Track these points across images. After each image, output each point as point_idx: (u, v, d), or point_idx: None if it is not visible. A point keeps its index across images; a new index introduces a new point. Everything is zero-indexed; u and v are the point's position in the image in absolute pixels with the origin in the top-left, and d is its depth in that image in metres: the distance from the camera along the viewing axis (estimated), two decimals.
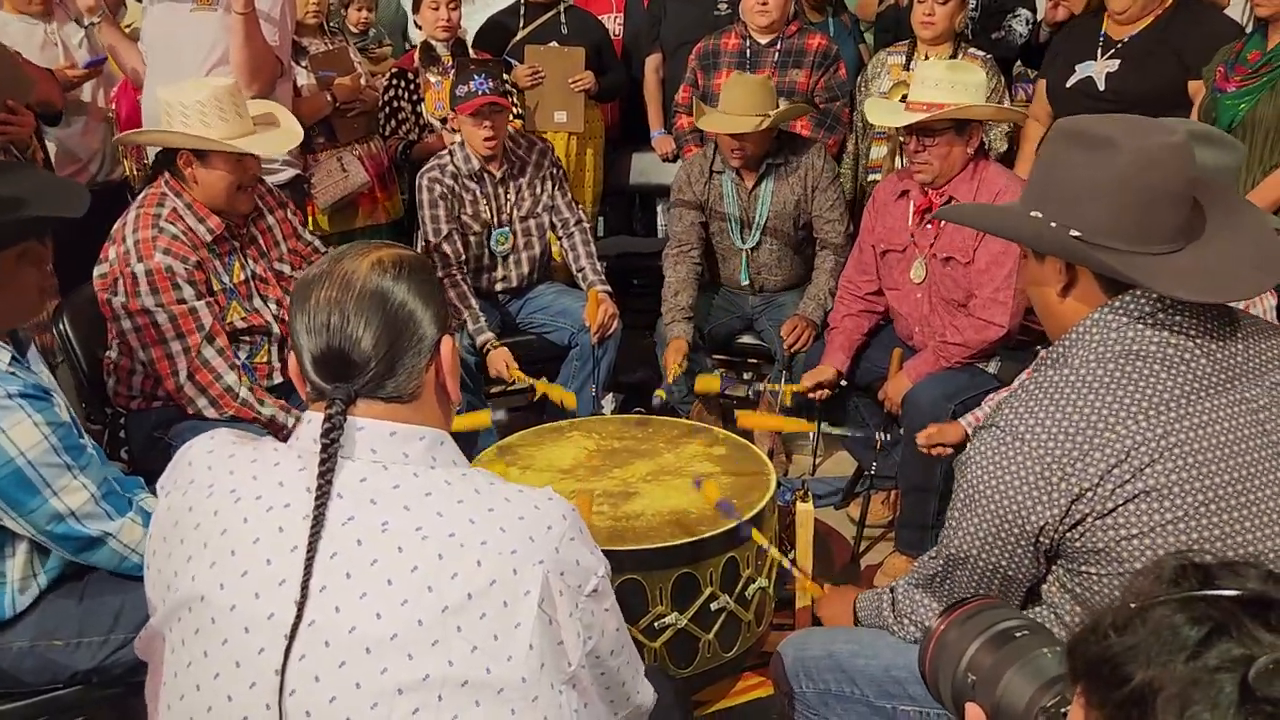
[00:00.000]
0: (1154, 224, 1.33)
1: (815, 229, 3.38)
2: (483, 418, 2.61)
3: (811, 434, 3.59)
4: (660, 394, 3.08)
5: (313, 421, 1.17)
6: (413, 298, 1.18)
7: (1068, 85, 3.38)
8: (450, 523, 1.10)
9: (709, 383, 2.99)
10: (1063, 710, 0.85)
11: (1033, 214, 1.40)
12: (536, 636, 1.09)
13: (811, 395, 2.98)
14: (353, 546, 1.09)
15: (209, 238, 2.56)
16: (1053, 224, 1.36)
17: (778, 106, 3.24)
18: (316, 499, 1.10)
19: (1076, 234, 1.34)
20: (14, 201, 1.71)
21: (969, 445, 1.41)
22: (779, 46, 3.73)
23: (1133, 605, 0.76)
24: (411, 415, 1.19)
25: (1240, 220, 1.41)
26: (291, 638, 1.07)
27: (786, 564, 2.18)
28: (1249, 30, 3.09)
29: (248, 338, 2.66)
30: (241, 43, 2.98)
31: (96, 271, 2.51)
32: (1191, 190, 1.37)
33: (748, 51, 3.76)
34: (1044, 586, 1.41)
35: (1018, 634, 0.97)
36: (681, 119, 3.99)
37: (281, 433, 2.53)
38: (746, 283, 3.49)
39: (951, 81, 2.69)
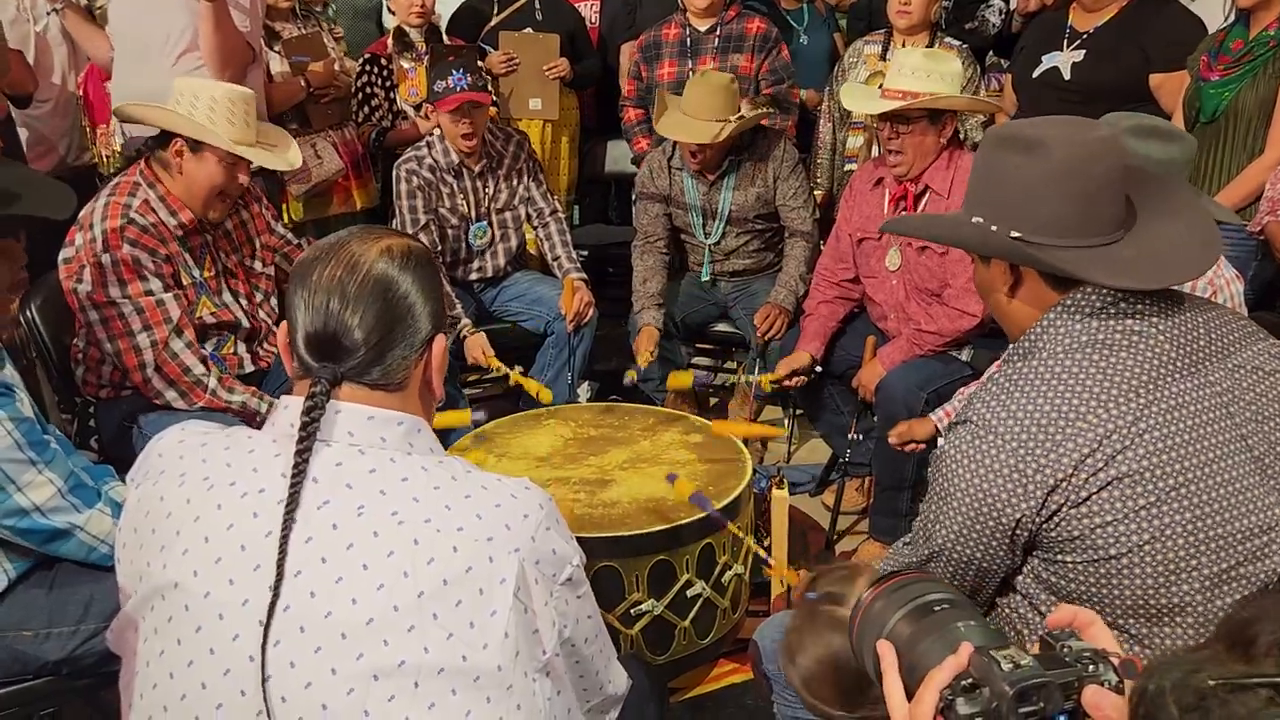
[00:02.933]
0: (1092, 216, 1.35)
1: (782, 217, 3.39)
2: (462, 417, 2.60)
3: (786, 421, 3.61)
4: (631, 375, 3.08)
5: (290, 407, 1.16)
6: (415, 290, 1.18)
7: (1034, 76, 3.41)
8: (426, 508, 1.10)
9: (681, 379, 2.98)
10: (967, 682, 0.86)
11: (974, 219, 1.42)
12: (512, 625, 1.09)
13: (787, 383, 2.99)
14: (328, 531, 1.09)
15: (180, 231, 2.52)
16: (993, 228, 1.39)
17: (739, 110, 3.21)
18: (292, 480, 1.09)
19: (1017, 235, 1.36)
20: (6, 197, 1.68)
21: (943, 441, 1.41)
22: (719, 33, 3.72)
23: (1212, 681, 0.63)
24: (393, 403, 1.18)
25: (1174, 203, 1.44)
26: (267, 623, 1.06)
27: (763, 555, 2.19)
28: (1230, 20, 3.13)
29: (215, 332, 2.63)
30: (211, 30, 2.94)
31: (61, 256, 2.45)
32: (1123, 180, 1.39)
33: (688, 40, 3.75)
34: (1019, 578, 1.42)
35: (937, 607, 0.98)
36: (629, 111, 3.98)
37: (254, 420, 2.50)
38: (708, 277, 3.50)
39: (928, 70, 2.70)
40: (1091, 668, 0.85)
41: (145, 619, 1.14)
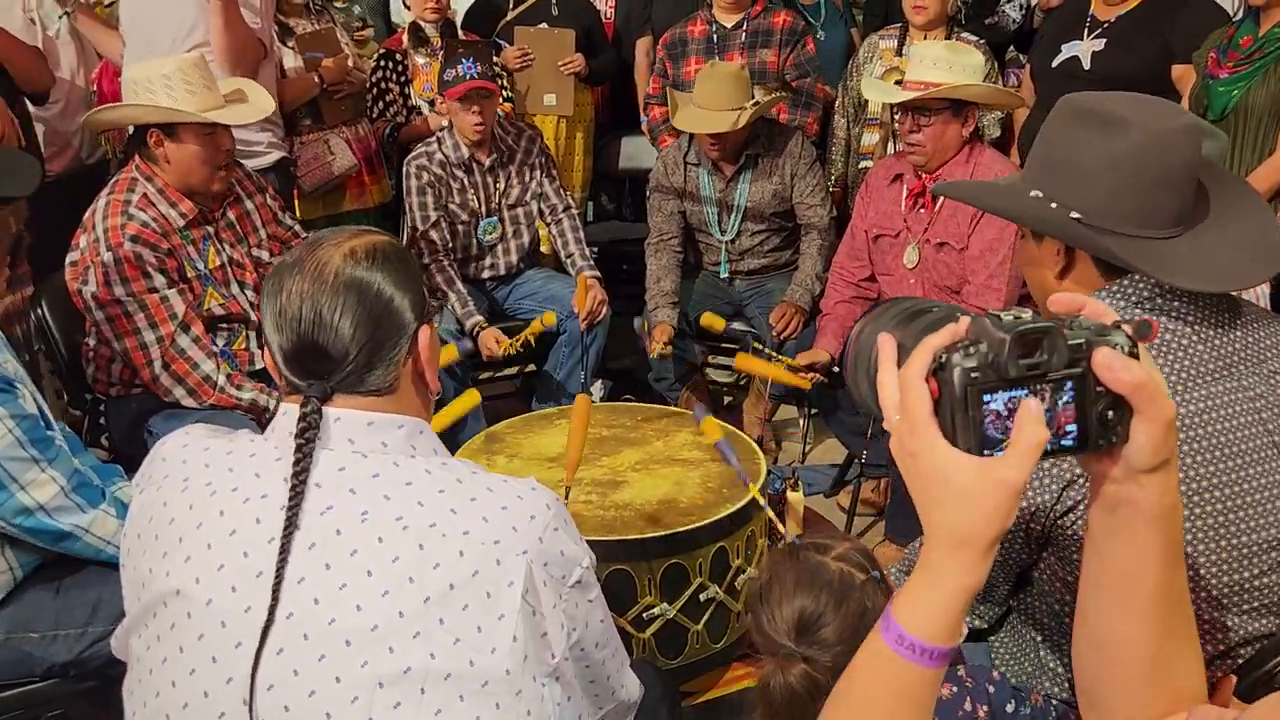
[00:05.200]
0: (1156, 208, 1.29)
1: (799, 215, 3.35)
2: (470, 398, 2.57)
3: (801, 421, 3.58)
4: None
5: (288, 413, 1.14)
6: (390, 286, 1.15)
7: (1053, 65, 3.36)
8: (431, 512, 1.08)
9: (713, 320, 3.01)
10: (964, 341, 0.78)
11: (1033, 193, 1.36)
12: (520, 628, 1.07)
13: (803, 376, 2.96)
14: (332, 537, 1.07)
15: (182, 223, 2.50)
16: (1053, 204, 1.33)
17: (753, 96, 3.19)
18: (291, 495, 1.07)
19: (1077, 216, 1.30)
20: None
21: None
22: (745, 28, 3.67)
23: None
24: (389, 407, 1.16)
25: (1242, 208, 1.38)
26: (266, 630, 1.04)
27: (780, 529, 2.17)
28: (1240, 16, 3.08)
29: (225, 325, 2.62)
30: (221, 28, 2.92)
31: (68, 259, 2.45)
32: (1196, 174, 1.33)
33: (714, 37, 3.70)
34: (1035, 574, 1.40)
35: (934, 308, 0.90)
36: (654, 110, 3.94)
37: (264, 416, 2.49)
38: (726, 275, 3.47)
39: (950, 61, 2.66)
40: (1102, 335, 0.78)
41: (148, 626, 1.13)
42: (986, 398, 0.76)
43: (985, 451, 0.76)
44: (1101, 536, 0.86)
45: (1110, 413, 0.78)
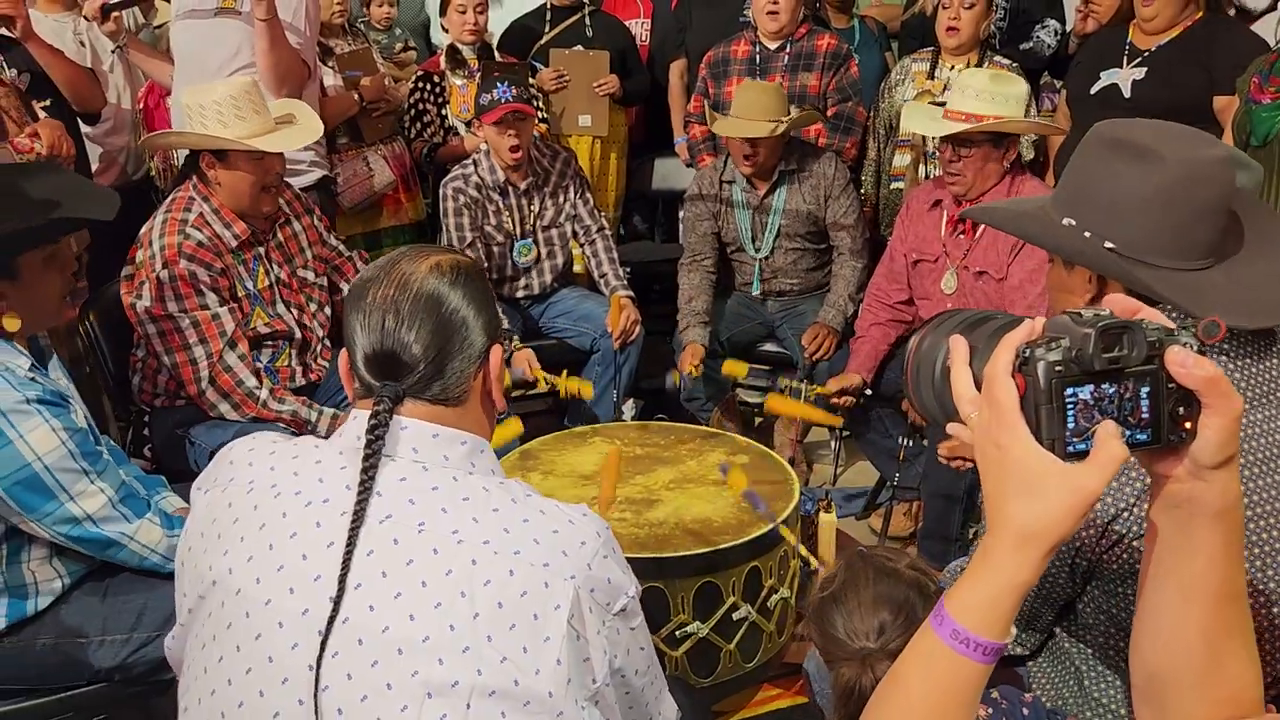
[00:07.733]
0: (1191, 239, 1.28)
1: (832, 237, 3.37)
2: (513, 427, 2.60)
3: (833, 443, 3.57)
4: (675, 376, 3.17)
5: (358, 419, 1.17)
6: (466, 304, 1.20)
7: (1091, 92, 3.35)
8: (485, 529, 1.10)
9: (736, 368, 3.02)
10: (1046, 337, 0.79)
11: (1065, 221, 1.35)
12: (564, 652, 1.08)
13: (836, 401, 2.96)
14: (389, 545, 1.09)
15: (235, 243, 2.57)
16: (1086, 234, 1.32)
17: (789, 114, 3.23)
18: (359, 495, 1.10)
19: (1111, 246, 1.29)
20: (47, 203, 1.71)
21: None
22: (789, 50, 3.69)
23: None
24: (456, 419, 1.19)
25: (1277, 240, 1.35)
26: (327, 633, 1.06)
27: (814, 563, 2.17)
28: None
29: (270, 342, 2.67)
30: (266, 49, 2.98)
31: (123, 274, 2.52)
32: (1230, 206, 1.31)
33: (757, 58, 3.72)
34: (1079, 606, 1.39)
35: (996, 316, 0.91)
36: (694, 128, 3.97)
37: (305, 429, 2.53)
38: (758, 293, 3.48)
39: (993, 93, 2.66)
40: (1170, 335, 0.80)
41: (205, 624, 1.16)
42: (1070, 390, 0.78)
43: (1072, 439, 0.79)
44: (1164, 533, 0.86)
45: (1180, 409, 0.80)
